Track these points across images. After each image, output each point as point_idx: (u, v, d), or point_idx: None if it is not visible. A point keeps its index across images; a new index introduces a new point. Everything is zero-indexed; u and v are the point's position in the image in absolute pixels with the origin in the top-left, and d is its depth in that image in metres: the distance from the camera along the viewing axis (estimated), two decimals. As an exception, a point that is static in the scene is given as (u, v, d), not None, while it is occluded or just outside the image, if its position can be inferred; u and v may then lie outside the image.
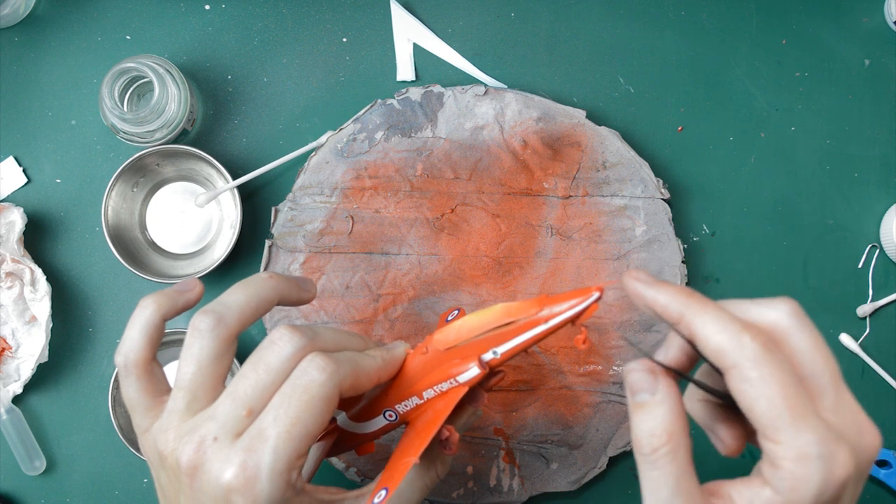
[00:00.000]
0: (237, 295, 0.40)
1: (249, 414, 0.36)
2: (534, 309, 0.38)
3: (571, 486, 0.59)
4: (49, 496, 0.60)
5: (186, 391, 0.38)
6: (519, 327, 0.38)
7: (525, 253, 0.59)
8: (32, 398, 0.60)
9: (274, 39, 0.62)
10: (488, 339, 0.39)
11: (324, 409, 0.36)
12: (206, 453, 0.36)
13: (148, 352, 0.40)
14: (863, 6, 0.63)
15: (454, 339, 0.40)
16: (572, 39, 0.63)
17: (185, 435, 0.37)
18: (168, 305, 0.41)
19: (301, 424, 0.35)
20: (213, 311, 0.39)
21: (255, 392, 0.36)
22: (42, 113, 0.61)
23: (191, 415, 0.38)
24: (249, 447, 0.35)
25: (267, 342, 0.38)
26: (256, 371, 0.37)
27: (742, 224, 0.62)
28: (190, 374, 0.38)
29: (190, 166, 0.60)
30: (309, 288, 0.44)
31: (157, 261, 0.60)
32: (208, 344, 0.38)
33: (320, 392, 0.36)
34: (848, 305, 0.62)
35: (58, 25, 0.62)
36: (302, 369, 0.36)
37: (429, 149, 0.59)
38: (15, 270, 0.59)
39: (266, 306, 0.40)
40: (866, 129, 0.63)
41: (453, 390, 0.40)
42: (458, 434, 0.41)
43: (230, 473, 0.35)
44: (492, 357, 0.39)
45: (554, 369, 0.59)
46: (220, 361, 0.38)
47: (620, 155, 0.59)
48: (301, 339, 0.37)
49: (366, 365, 0.39)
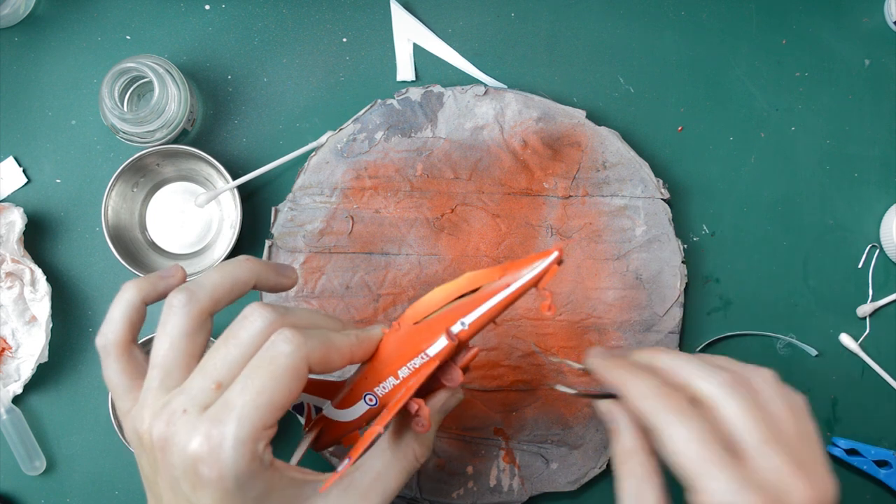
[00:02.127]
0: (212, 274, 0.40)
1: (218, 387, 0.36)
2: (497, 275, 0.39)
3: (571, 486, 0.59)
4: (49, 496, 0.60)
5: (160, 368, 0.38)
6: (484, 295, 0.39)
7: (525, 253, 0.59)
8: (32, 398, 0.60)
9: (274, 39, 0.62)
10: (455, 310, 0.39)
11: (291, 380, 0.36)
12: (175, 425, 0.36)
13: (128, 333, 0.41)
14: (863, 6, 0.63)
15: (423, 312, 0.40)
16: (572, 39, 0.63)
17: (158, 411, 0.37)
18: (149, 289, 0.42)
19: (266, 394, 0.35)
20: (186, 288, 0.39)
21: (224, 365, 0.37)
22: (42, 113, 0.61)
23: (165, 392, 0.38)
24: (215, 417, 0.35)
25: (239, 318, 0.38)
26: (227, 345, 0.37)
27: (742, 224, 0.62)
28: (163, 350, 0.38)
29: (190, 166, 0.60)
30: (289, 273, 0.44)
31: (157, 261, 0.60)
32: (180, 320, 0.38)
33: (286, 363, 0.36)
34: (848, 305, 0.62)
35: (58, 25, 0.62)
36: (270, 342, 0.37)
37: (429, 149, 0.59)
38: (15, 270, 0.59)
39: (242, 287, 0.41)
40: (866, 129, 0.63)
41: (424, 365, 0.40)
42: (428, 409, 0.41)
43: (196, 443, 0.35)
44: (460, 328, 0.39)
45: (554, 369, 0.59)
46: (193, 338, 0.39)
47: (620, 155, 0.59)
48: (272, 314, 0.38)
49: (337, 341, 0.38)
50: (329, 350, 0.38)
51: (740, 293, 0.62)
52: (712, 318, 0.62)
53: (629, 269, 0.59)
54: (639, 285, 0.59)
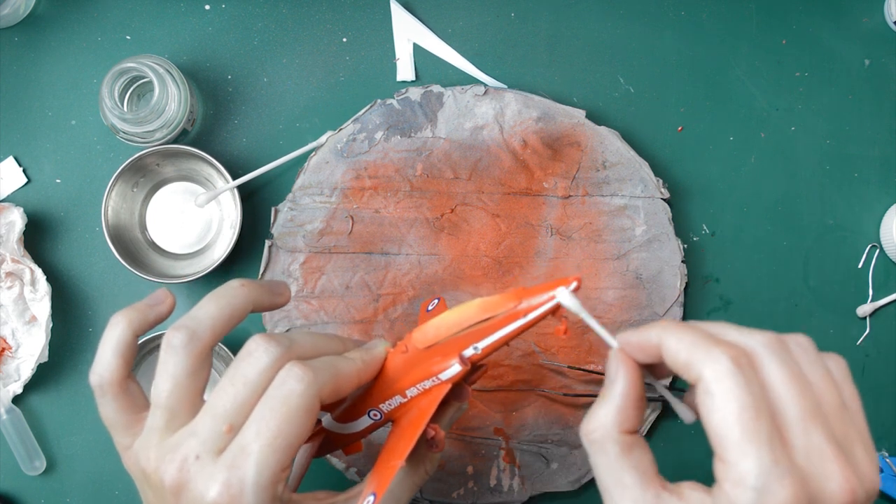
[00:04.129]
0: (209, 307, 0.39)
1: (230, 430, 0.36)
2: (512, 302, 0.38)
3: (571, 486, 0.59)
4: (49, 496, 0.60)
5: (165, 409, 0.37)
6: (499, 321, 0.38)
7: (525, 253, 0.59)
8: (32, 398, 0.60)
9: (274, 39, 0.62)
10: (468, 336, 0.39)
11: (305, 419, 0.36)
12: (189, 472, 0.35)
13: (122, 370, 0.40)
14: (863, 6, 0.63)
15: (433, 338, 0.39)
16: (572, 39, 0.63)
17: (167, 453, 0.36)
18: (139, 321, 0.41)
19: (283, 437, 0.35)
20: (185, 326, 0.38)
21: (234, 407, 0.36)
22: (42, 113, 0.61)
23: (171, 432, 0.37)
24: (232, 464, 0.35)
25: (244, 353, 0.37)
26: (234, 385, 0.36)
27: (742, 224, 0.62)
28: (167, 391, 0.37)
29: (190, 166, 0.60)
30: (282, 291, 0.43)
31: (157, 261, 0.60)
32: (183, 360, 0.38)
33: (299, 402, 0.35)
34: (848, 305, 0.62)
35: (58, 25, 0.62)
36: (280, 380, 0.36)
37: (428, 149, 0.59)
38: (15, 270, 0.59)
39: (240, 315, 0.40)
40: (866, 129, 0.63)
41: (436, 388, 0.40)
42: (444, 432, 0.41)
43: (215, 492, 0.35)
44: (472, 353, 0.39)
45: (554, 369, 0.59)
46: (197, 376, 0.38)
47: (620, 155, 0.59)
48: (277, 348, 0.37)
49: (345, 369, 0.38)
50: (338, 381, 0.37)
51: (740, 293, 0.62)
52: (712, 318, 0.62)
53: (629, 269, 0.59)
54: (639, 285, 0.59)
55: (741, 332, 0.33)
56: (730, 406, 0.30)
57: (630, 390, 0.35)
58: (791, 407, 0.31)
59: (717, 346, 0.32)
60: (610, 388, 0.35)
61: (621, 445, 0.34)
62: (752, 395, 0.31)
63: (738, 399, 0.30)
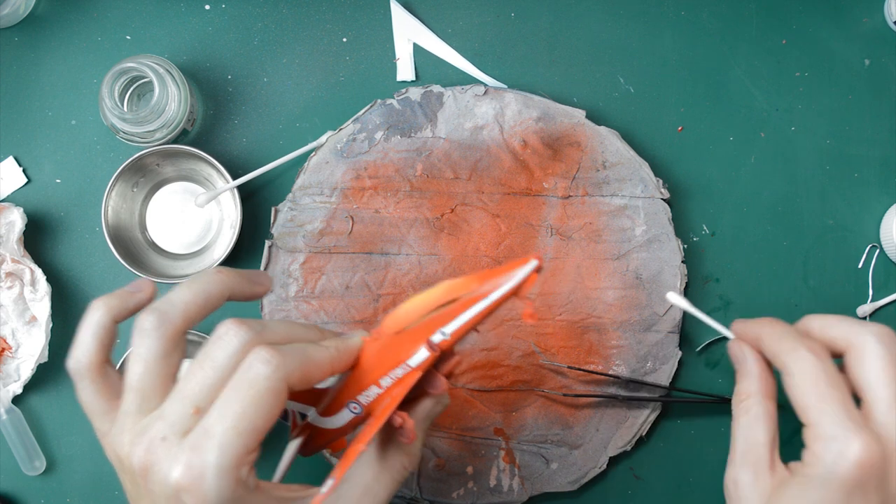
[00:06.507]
0: (182, 292, 0.39)
1: (197, 412, 0.36)
2: (475, 284, 0.38)
3: (571, 486, 0.59)
4: (49, 496, 0.60)
5: (136, 392, 0.37)
6: (463, 304, 0.38)
7: (525, 253, 0.59)
8: (32, 398, 0.60)
9: (274, 39, 0.62)
10: (435, 320, 0.39)
11: (271, 403, 0.35)
12: (155, 453, 0.35)
13: (100, 354, 0.40)
14: (863, 6, 0.63)
15: (403, 322, 0.39)
16: (572, 39, 0.63)
17: (136, 436, 0.36)
18: (119, 307, 0.41)
19: (247, 420, 0.35)
20: (157, 309, 0.38)
21: (201, 390, 0.36)
22: (42, 113, 0.61)
23: (143, 415, 0.37)
24: (195, 445, 0.35)
25: (214, 337, 0.37)
26: (203, 368, 0.36)
27: (742, 224, 0.62)
28: (138, 374, 0.37)
29: (190, 166, 0.60)
30: (262, 281, 0.43)
31: (157, 261, 0.60)
32: (153, 343, 0.38)
33: (266, 385, 0.35)
34: (848, 305, 0.62)
35: (58, 25, 0.62)
36: (247, 363, 0.36)
37: (428, 149, 0.59)
38: (15, 270, 0.59)
39: (215, 301, 0.40)
40: (866, 129, 0.63)
41: (407, 375, 0.40)
42: (413, 420, 0.41)
43: (177, 472, 0.34)
44: (441, 338, 0.39)
45: (554, 369, 0.59)
46: (168, 360, 0.38)
47: (620, 155, 0.59)
48: (247, 332, 0.37)
49: (316, 356, 0.38)
50: (308, 366, 0.37)
51: (740, 293, 0.62)
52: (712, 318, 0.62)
53: (629, 269, 0.59)
54: (639, 285, 0.59)
55: (856, 323, 0.42)
56: (808, 380, 0.39)
57: (761, 363, 0.44)
58: (882, 388, 0.39)
59: (803, 339, 0.41)
60: (743, 365, 0.44)
61: (765, 409, 0.42)
62: (829, 372, 0.39)
63: (816, 373, 0.39)
